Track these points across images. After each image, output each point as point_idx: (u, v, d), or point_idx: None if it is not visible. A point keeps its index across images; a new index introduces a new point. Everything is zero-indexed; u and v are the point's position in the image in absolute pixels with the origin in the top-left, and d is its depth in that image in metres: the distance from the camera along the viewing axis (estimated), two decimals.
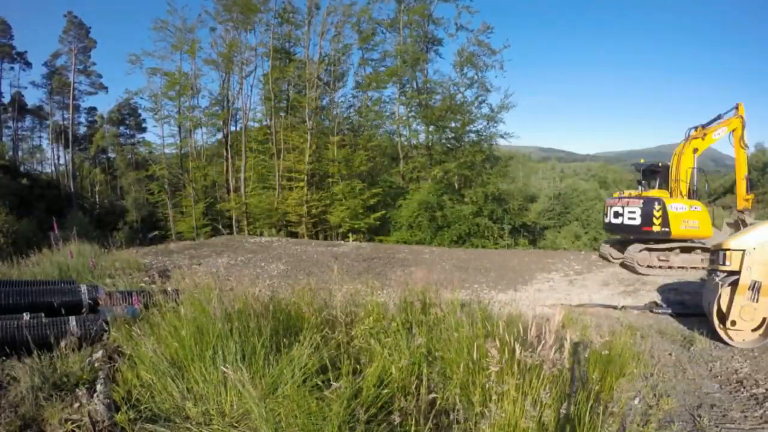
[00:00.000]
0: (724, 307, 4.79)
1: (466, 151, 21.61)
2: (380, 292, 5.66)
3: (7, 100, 38.71)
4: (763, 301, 4.55)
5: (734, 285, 4.67)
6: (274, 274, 8.95)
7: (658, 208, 9.04)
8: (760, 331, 4.69)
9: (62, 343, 3.62)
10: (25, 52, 39.30)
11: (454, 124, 22.31)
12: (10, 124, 40.02)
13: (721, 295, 4.78)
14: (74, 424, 2.72)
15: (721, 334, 4.79)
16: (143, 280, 6.64)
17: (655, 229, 9.06)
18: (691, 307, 6.32)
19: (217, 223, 24.91)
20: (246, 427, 2.58)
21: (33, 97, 55.12)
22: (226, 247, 12.70)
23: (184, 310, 3.49)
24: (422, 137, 24.17)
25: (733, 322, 4.70)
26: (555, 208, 23.25)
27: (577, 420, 2.43)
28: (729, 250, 4.74)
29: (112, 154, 43.47)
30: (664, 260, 9.32)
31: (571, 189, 23.75)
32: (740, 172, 10.08)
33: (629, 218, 9.44)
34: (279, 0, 24.20)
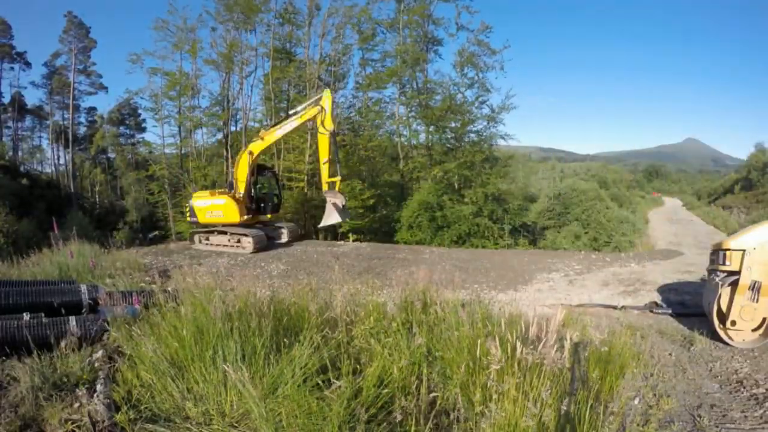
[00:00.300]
0: (724, 307, 4.78)
1: (466, 151, 21.58)
2: (380, 291, 5.66)
3: (7, 100, 38.83)
4: (763, 301, 4.55)
5: (734, 285, 4.67)
6: (275, 274, 8.95)
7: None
8: (760, 331, 4.69)
9: (62, 343, 3.62)
10: (25, 52, 39.54)
11: (454, 125, 22.29)
12: (10, 124, 40.08)
13: (721, 295, 4.77)
14: (74, 424, 2.72)
15: (721, 334, 4.79)
16: (143, 280, 6.64)
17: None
18: (691, 307, 6.31)
19: None
20: (246, 427, 2.58)
21: (33, 97, 55.29)
22: None
23: (185, 310, 3.49)
24: (422, 137, 24.16)
25: (733, 322, 4.70)
26: (555, 208, 23.18)
27: (578, 419, 2.43)
28: (729, 250, 4.73)
29: (112, 154, 43.54)
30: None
31: (571, 189, 23.65)
32: (322, 157, 11.12)
33: None
34: (280, 0, 24.25)
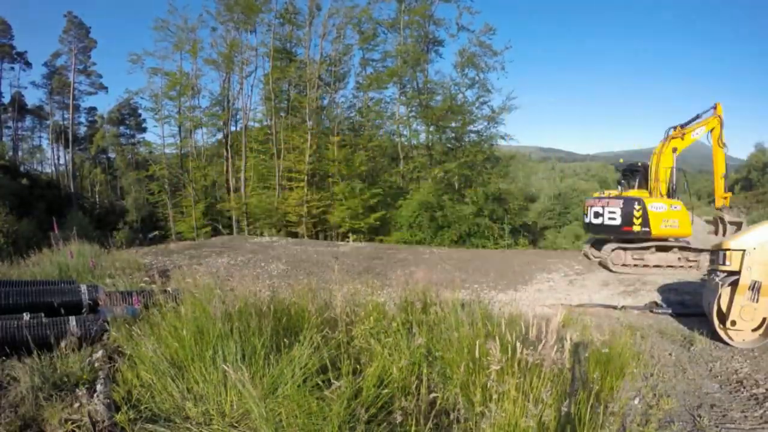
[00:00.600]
0: (724, 307, 4.78)
1: (466, 151, 21.62)
2: (380, 291, 5.66)
3: (7, 100, 38.79)
4: (763, 301, 4.55)
5: (734, 285, 4.67)
6: (275, 274, 8.95)
7: (638, 208, 9.07)
8: (760, 331, 4.69)
9: (62, 343, 3.62)
10: (25, 52, 39.39)
11: (454, 125, 22.33)
12: (10, 124, 40.07)
13: (721, 295, 4.77)
14: (74, 424, 2.71)
15: (721, 334, 4.79)
16: (143, 280, 6.62)
17: (636, 228, 9.06)
18: (691, 307, 6.32)
19: (218, 224, 24.92)
20: (246, 427, 2.58)
21: (33, 97, 55.17)
22: (226, 247, 12.68)
23: (185, 310, 3.49)
24: (422, 137, 24.23)
25: (733, 322, 4.70)
26: (555, 208, 23.25)
27: (578, 419, 2.43)
28: (729, 250, 4.73)
29: (112, 154, 43.55)
30: (639, 259, 9.34)
31: (571, 189, 23.75)
32: (718, 171, 10.20)
33: (609, 218, 9.44)
34: (281, 0, 24.27)
